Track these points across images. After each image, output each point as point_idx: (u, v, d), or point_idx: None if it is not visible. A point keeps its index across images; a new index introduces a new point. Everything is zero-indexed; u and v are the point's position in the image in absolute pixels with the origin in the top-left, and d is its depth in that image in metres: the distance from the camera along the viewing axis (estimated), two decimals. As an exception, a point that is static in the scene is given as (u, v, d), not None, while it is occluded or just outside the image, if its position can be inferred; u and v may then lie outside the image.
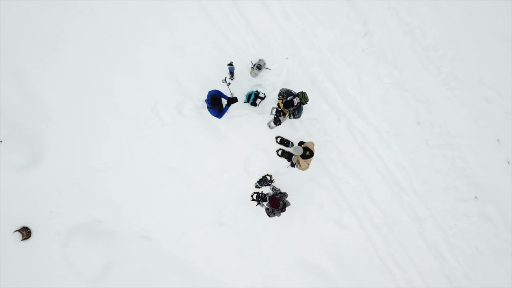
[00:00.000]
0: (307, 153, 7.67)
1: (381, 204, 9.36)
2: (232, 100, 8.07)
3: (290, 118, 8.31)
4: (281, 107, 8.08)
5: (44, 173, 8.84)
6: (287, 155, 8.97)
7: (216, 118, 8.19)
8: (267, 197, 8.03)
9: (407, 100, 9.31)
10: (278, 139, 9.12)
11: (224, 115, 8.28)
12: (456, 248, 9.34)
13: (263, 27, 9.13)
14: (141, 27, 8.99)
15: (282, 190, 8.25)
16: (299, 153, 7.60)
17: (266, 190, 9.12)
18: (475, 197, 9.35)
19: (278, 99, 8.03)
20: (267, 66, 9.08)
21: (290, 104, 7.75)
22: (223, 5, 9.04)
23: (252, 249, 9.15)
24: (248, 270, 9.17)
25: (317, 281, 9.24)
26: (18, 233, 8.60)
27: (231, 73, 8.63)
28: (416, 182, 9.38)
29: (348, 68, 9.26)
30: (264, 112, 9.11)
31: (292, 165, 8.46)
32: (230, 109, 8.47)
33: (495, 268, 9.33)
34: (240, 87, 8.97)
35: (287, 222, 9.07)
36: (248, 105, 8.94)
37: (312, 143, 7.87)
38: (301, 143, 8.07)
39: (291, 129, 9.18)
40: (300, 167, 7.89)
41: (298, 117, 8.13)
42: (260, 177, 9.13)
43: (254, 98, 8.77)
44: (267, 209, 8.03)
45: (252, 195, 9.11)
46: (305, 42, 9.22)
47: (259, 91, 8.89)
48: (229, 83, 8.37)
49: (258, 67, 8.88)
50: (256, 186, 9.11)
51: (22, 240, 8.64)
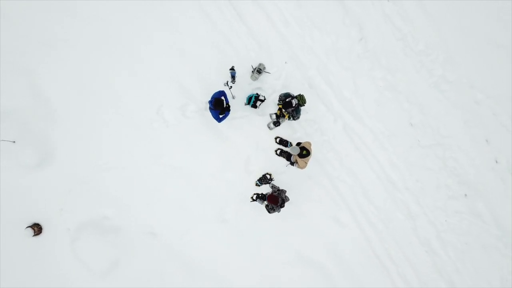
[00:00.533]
0: (304, 152, 8.11)
1: (376, 202, 9.76)
2: (227, 109, 8.48)
3: (289, 120, 8.73)
4: (280, 111, 8.55)
5: (53, 172, 9.21)
6: (286, 155, 9.36)
7: (216, 121, 8.59)
8: (266, 197, 8.37)
9: (401, 102, 9.74)
10: (277, 140, 9.52)
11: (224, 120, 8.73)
12: (448, 243, 9.75)
13: (263, 33, 9.55)
14: (143, 29, 9.40)
15: (280, 188, 8.64)
16: (296, 153, 8.06)
17: (265, 189, 9.49)
18: (465, 195, 9.77)
19: (278, 104, 8.50)
20: (267, 70, 9.47)
21: (289, 105, 8.23)
22: (224, 11, 9.47)
23: (252, 244, 9.50)
24: (249, 265, 9.51)
25: (315, 276, 9.58)
26: (30, 229, 9.00)
27: (233, 77, 9.00)
28: (409, 180, 9.79)
29: (344, 72, 9.69)
30: (264, 114, 9.49)
31: (291, 163, 8.90)
32: (232, 110, 8.87)
33: (484, 262, 9.74)
34: (241, 90, 9.36)
35: (286, 219, 9.42)
36: (248, 107, 9.33)
37: (309, 143, 8.31)
38: (298, 144, 8.52)
39: (289, 130, 9.57)
40: (298, 166, 8.32)
41: (297, 118, 8.57)
42: (260, 175, 9.53)
43: (254, 101, 9.14)
44: (267, 205, 8.38)
45: (252, 196, 9.50)
46: (303, 47, 9.63)
47: (259, 93, 9.26)
48: (231, 87, 8.81)
49: (258, 71, 9.28)
50: (257, 185, 9.48)
51: (33, 235, 9.04)
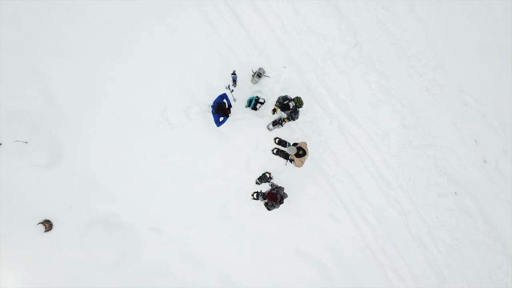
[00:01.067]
0: (300, 152, 8.64)
1: (370, 199, 10.26)
2: (228, 111, 8.99)
3: (289, 121, 9.27)
4: (274, 111, 9.09)
5: (63, 171, 9.69)
6: (283, 154, 9.89)
7: (215, 124, 9.10)
8: (266, 194, 8.81)
9: (394, 104, 10.25)
10: (277, 140, 10.01)
11: (224, 123, 9.25)
12: (438, 239, 10.25)
13: (262, 38, 10.06)
14: (149, 36, 9.91)
15: (279, 185, 9.13)
16: (293, 152, 8.60)
17: (265, 187, 9.99)
18: (455, 193, 10.27)
19: (275, 106, 9.06)
20: (266, 74, 9.96)
21: (287, 107, 8.78)
22: (226, 18, 9.99)
23: (253, 239, 10.00)
24: (249, 258, 10.01)
25: (312, 268, 10.12)
26: (41, 225, 9.48)
27: (234, 81, 9.49)
28: (402, 179, 10.29)
29: (340, 76, 10.19)
30: (264, 116, 9.98)
31: (290, 161, 9.45)
32: (233, 112, 9.38)
33: (473, 257, 10.24)
34: (242, 93, 9.86)
35: (285, 216, 9.90)
36: (249, 109, 9.82)
37: (305, 143, 8.84)
38: (295, 144, 9.05)
39: (288, 131, 10.06)
40: (296, 165, 8.84)
41: (296, 118, 9.11)
42: (260, 174, 10.02)
43: (254, 103, 9.64)
44: (266, 203, 8.86)
45: (252, 195, 9.99)
46: (300, 52, 10.14)
47: (259, 96, 9.76)
48: (232, 90, 9.30)
49: (258, 75, 9.77)
50: (257, 183, 9.96)
51: (45, 231, 9.52)
